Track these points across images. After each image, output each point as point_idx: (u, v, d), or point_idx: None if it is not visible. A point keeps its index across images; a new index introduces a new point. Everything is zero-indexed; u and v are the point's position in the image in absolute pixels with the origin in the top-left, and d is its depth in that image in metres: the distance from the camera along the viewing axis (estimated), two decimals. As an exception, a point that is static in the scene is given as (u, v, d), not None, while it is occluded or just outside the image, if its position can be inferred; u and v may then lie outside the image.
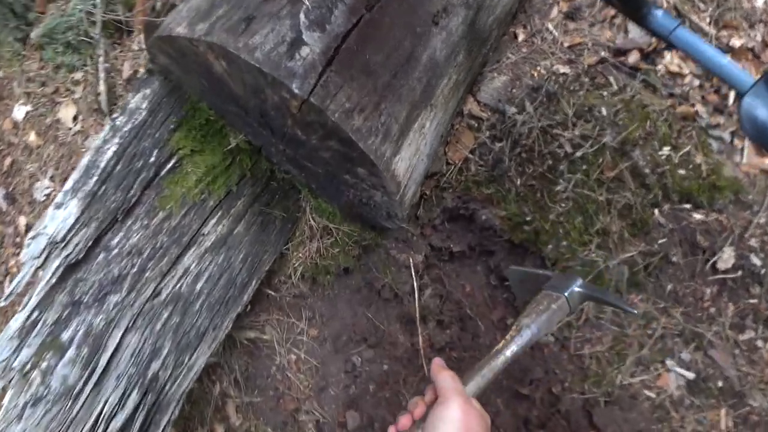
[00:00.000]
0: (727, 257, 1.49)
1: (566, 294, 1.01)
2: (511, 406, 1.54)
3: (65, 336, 1.25)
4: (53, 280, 1.24)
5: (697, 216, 1.50)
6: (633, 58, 1.59)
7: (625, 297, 1.48)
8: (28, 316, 1.23)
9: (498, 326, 1.62)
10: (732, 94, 1.57)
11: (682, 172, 1.46)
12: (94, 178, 1.31)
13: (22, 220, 1.95)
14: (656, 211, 1.46)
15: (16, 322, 1.22)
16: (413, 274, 1.60)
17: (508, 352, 0.94)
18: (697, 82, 1.60)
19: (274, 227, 1.56)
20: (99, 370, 1.25)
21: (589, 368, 1.48)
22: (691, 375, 1.49)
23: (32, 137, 1.96)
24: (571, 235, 1.38)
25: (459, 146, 1.47)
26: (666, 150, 1.46)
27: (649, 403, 1.46)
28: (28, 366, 1.22)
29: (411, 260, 1.60)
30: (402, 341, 1.69)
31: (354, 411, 1.62)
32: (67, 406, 1.22)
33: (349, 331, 1.66)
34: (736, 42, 1.60)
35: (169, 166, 1.40)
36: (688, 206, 1.50)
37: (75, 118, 1.91)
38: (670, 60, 1.61)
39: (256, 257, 1.54)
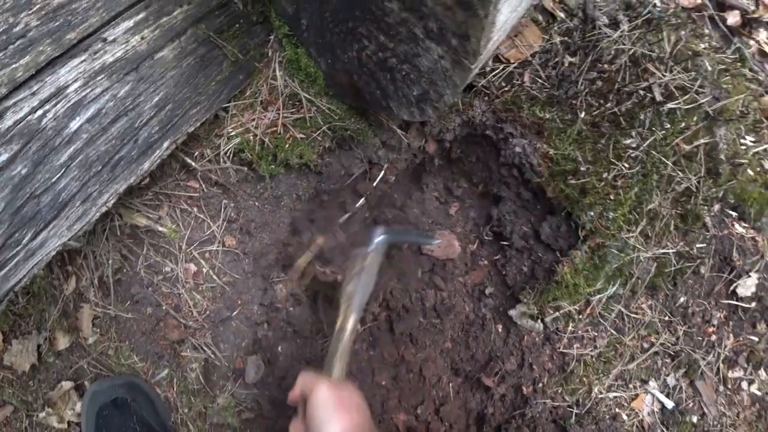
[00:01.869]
0: (749, 284, 1.27)
1: (371, 249, 1.04)
2: (465, 395, 1.21)
3: None
4: None
5: (739, 228, 1.25)
6: (733, 18, 1.26)
7: (638, 297, 1.19)
8: None
9: (471, 294, 1.25)
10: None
11: (751, 173, 1.19)
12: None
13: None
14: (715, 207, 1.17)
15: None
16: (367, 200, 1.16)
17: (349, 325, 0.93)
18: (780, 75, 1.33)
19: (219, 71, 1.02)
20: None
21: (572, 372, 1.19)
22: (670, 403, 1.26)
23: None
24: (622, 206, 1.04)
25: (519, 41, 1.03)
26: (750, 140, 1.16)
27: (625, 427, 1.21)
28: None
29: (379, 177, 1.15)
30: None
31: (258, 358, 1.17)
32: None
33: (280, 252, 1.19)
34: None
35: None
36: (734, 214, 1.24)
37: None
38: (766, 38, 1.31)
39: (179, 107, 1.00)
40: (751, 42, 1.29)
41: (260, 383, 1.15)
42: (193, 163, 1.07)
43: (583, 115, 1.02)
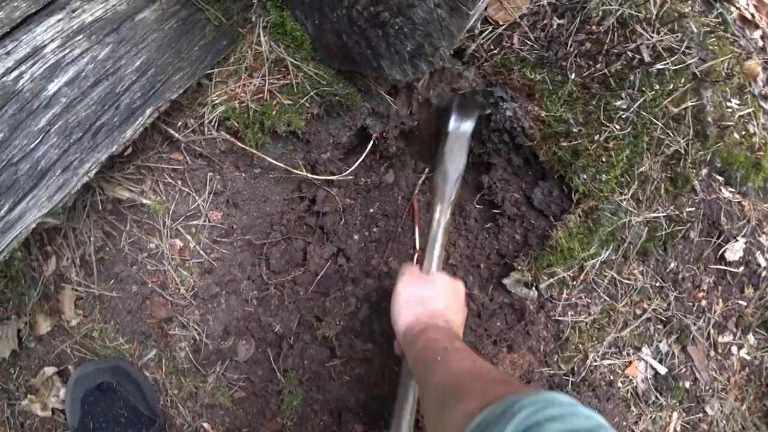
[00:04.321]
0: (737, 249, 1.29)
1: (449, 131, 1.04)
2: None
3: None
4: None
5: (726, 193, 1.26)
6: (714, -17, 1.27)
7: (629, 262, 1.20)
8: None
9: (464, 265, 1.24)
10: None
11: (736, 136, 1.20)
12: None
13: None
14: (703, 171, 1.18)
15: None
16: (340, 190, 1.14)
17: (436, 215, 0.96)
18: (761, 43, 1.35)
19: (202, 36, 0.99)
20: None
21: (567, 339, 1.18)
22: (663, 369, 1.27)
23: None
24: (614, 168, 1.04)
25: (507, 3, 1.02)
26: (735, 103, 1.18)
27: (620, 393, 1.21)
28: None
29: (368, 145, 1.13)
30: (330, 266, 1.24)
31: (249, 334, 1.14)
32: None
33: (270, 226, 1.16)
34: None
35: None
36: (721, 178, 1.25)
37: None
38: (746, 4, 1.33)
39: (162, 72, 0.96)
40: (732, 8, 1.31)
41: (251, 361, 1.12)
42: (176, 134, 1.04)
43: (573, 76, 1.02)
